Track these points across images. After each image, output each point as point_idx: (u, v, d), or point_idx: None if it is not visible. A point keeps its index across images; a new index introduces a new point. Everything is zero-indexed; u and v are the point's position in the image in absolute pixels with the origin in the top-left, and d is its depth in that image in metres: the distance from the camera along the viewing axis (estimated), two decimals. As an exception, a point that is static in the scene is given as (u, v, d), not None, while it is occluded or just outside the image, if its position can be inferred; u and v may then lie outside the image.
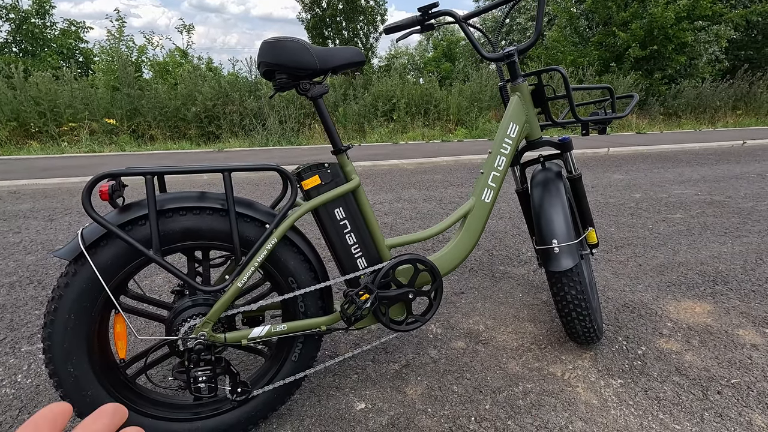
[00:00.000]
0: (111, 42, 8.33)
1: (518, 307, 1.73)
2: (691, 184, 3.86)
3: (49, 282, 1.99)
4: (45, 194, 3.75)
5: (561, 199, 1.28)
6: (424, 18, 1.24)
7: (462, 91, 8.19)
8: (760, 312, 1.67)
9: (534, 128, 1.32)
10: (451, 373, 1.33)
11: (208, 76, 7.74)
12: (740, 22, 9.63)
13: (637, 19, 8.86)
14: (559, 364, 1.37)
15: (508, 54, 1.26)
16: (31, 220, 2.97)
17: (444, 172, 4.54)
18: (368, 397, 1.24)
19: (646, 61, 9.26)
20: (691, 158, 5.24)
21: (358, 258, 1.10)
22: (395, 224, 2.81)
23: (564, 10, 10.16)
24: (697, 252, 2.27)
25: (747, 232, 2.57)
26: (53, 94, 6.70)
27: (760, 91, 9.79)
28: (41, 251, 2.37)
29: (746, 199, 3.29)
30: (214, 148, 6.61)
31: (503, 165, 1.25)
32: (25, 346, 1.49)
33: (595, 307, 1.42)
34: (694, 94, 9.34)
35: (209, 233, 0.94)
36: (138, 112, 7.20)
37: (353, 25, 13.21)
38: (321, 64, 0.98)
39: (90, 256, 0.86)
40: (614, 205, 3.20)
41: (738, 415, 1.15)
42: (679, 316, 1.65)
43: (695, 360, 1.38)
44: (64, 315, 0.87)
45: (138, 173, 0.86)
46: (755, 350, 1.43)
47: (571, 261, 1.21)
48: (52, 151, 6.18)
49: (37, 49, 10.61)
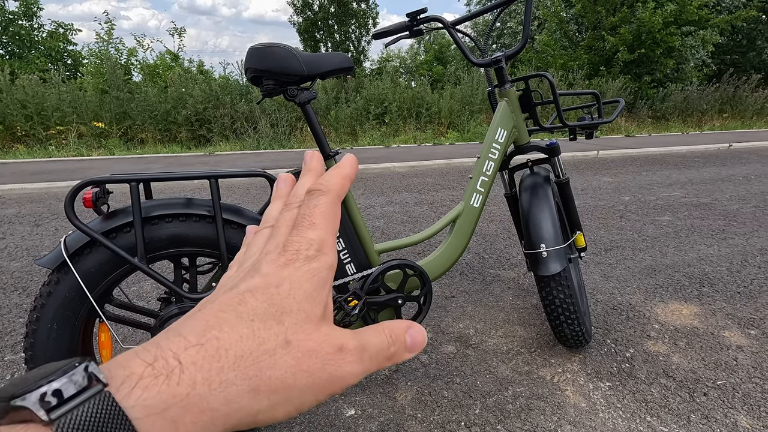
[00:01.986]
0: (100, 44, 8.25)
1: (508, 311, 1.73)
2: (679, 186, 3.92)
3: (34, 289, 1.96)
4: (31, 199, 3.69)
5: (549, 204, 1.29)
6: (412, 24, 1.25)
7: (453, 94, 8.22)
8: (745, 313, 1.69)
9: (522, 133, 1.33)
10: (441, 378, 1.33)
11: (199, 79, 7.69)
12: (725, 27, 9.81)
13: (626, 24, 8.98)
14: (549, 367, 1.38)
15: (496, 60, 1.27)
16: (16, 225, 2.92)
17: (435, 176, 4.55)
18: (358, 404, 1.23)
19: (635, 65, 9.39)
20: (678, 161, 5.32)
21: (346, 264, 1.09)
22: (386, 228, 2.81)
23: (554, 15, 10.28)
24: (684, 254, 2.30)
25: (733, 234, 2.61)
26: (40, 97, 6.60)
27: (745, 95, 9.96)
28: (26, 257, 2.33)
29: (732, 202, 3.34)
30: (204, 151, 6.56)
31: (492, 170, 1.25)
32: (9, 355, 1.46)
33: (584, 310, 1.43)
34: (682, 98, 9.49)
35: (196, 240, 0.94)
36: (127, 116, 7.13)
37: (345, 29, 13.22)
38: (308, 70, 0.98)
39: (73, 264, 0.85)
40: (603, 207, 3.23)
41: (723, 416, 1.16)
42: (666, 318, 1.67)
43: (682, 362, 1.40)
44: (47, 324, 0.85)
45: (123, 180, 0.85)
46: (740, 351, 1.45)
47: (559, 265, 1.22)
48: (39, 154, 6.09)
49: (24, 51, 10.45)
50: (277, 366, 0.18)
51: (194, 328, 0.18)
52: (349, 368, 0.20)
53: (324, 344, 0.19)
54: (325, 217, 0.22)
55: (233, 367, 0.17)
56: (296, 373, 0.18)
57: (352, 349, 0.20)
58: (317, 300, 0.20)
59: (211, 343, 0.17)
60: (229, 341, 0.18)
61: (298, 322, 0.19)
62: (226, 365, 0.17)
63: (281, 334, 0.18)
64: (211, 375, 0.17)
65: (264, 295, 0.19)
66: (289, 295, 0.19)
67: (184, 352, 0.17)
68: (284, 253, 0.21)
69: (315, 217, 0.22)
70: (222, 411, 0.17)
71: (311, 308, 0.20)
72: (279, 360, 0.18)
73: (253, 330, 0.18)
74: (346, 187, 0.24)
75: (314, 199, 0.23)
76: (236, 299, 0.19)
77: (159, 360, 0.17)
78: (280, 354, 0.18)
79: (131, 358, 0.17)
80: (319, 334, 0.19)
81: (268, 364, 0.18)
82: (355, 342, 0.20)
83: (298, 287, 0.20)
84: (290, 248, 0.21)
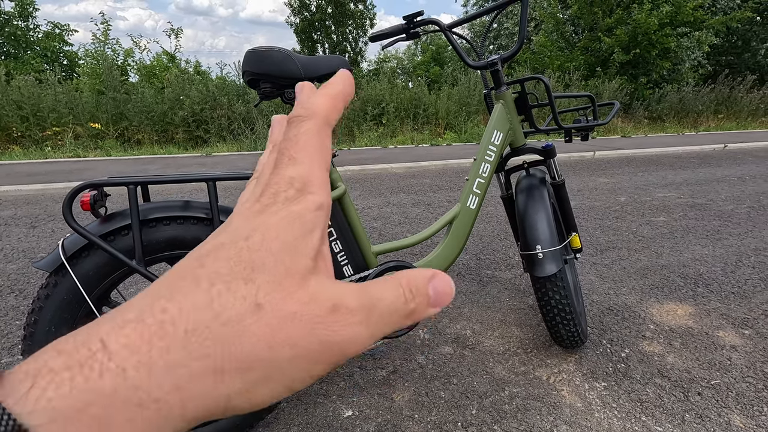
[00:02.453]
0: (96, 45, 8.22)
1: (505, 312, 1.74)
2: (674, 187, 3.94)
3: (31, 291, 1.95)
4: (27, 200, 3.68)
5: (545, 205, 1.30)
6: (409, 26, 1.25)
7: (451, 95, 8.25)
8: (739, 313, 1.71)
9: (518, 135, 1.34)
10: (438, 379, 1.34)
11: (196, 80, 7.68)
12: (721, 28, 9.87)
13: (622, 25, 9.03)
14: (545, 368, 1.39)
15: (492, 62, 1.27)
16: (12, 227, 2.91)
17: (433, 177, 4.56)
18: (355, 404, 1.24)
19: (631, 66, 9.44)
20: (674, 161, 5.35)
21: (344, 265, 1.10)
22: (384, 229, 2.81)
23: (550, 16, 10.32)
24: (679, 254, 2.32)
25: (727, 234, 2.63)
26: (36, 97, 6.57)
27: (741, 96, 10.03)
28: (23, 260, 2.33)
29: (727, 202, 3.37)
30: (202, 152, 6.55)
31: (488, 172, 1.26)
32: (5, 358, 1.46)
33: (580, 311, 1.44)
34: (677, 99, 9.54)
35: (194, 243, 0.94)
36: (124, 116, 7.11)
37: (342, 29, 13.24)
38: (305, 73, 0.98)
39: (71, 267, 0.85)
40: (600, 208, 3.25)
41: (717, 416, 1.17)
42: (661, 318, 1.68)
43: (677, 362, 1.41)
44: (45, 327, 0.86)
45: (121, 183, 0.85)
46: (734, 351, 1.46)
47: (554, 266, 1.23)
48: (35, 156, 6.06)
49: (19, 51, 10.41)
50: (245, 337, 0.14)
51: (139, 301, 0.15)
52: (349, 332, 0.16)
53: (311, 305, 0.16)
54: (308, 147, 0.18)
55: (183, 344, 0.14)
56: (272, 344, 0.15)
57: (353, 307, 0.16)
58: (301, 250, 0.16)
59: (155, 318, 0.14)
60: (178, 313, 0.14)
61: (274, 280, 0.15)
62: (173, 344, 0.14)
63: (250, 297, 0.15)
64: (152, 358, 0.13)
65: (230, 252, 0.16)
66: (261, 247, 0.16)
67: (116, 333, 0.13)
68: (260, 198, 0.17)
69: (295, 149, 0.18)
70: (173, 402, 0.13)
71: (293, 260, 0.16)
72: (248, 329, 0.14)
73: (212, 296, 0.15)
74: (336, 109, 0.20)
75: (293, 128, 0.19)
76: (197, 262, 0.16)
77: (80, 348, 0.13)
78: (249, 321, 0.14)
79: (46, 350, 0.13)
80: (303, 291, 0.16)
81: (233, 336, 0.14)
82: (356, 299, 0.16)
83: (274, 236, 0.16)
84: (267, 192, 0.17)
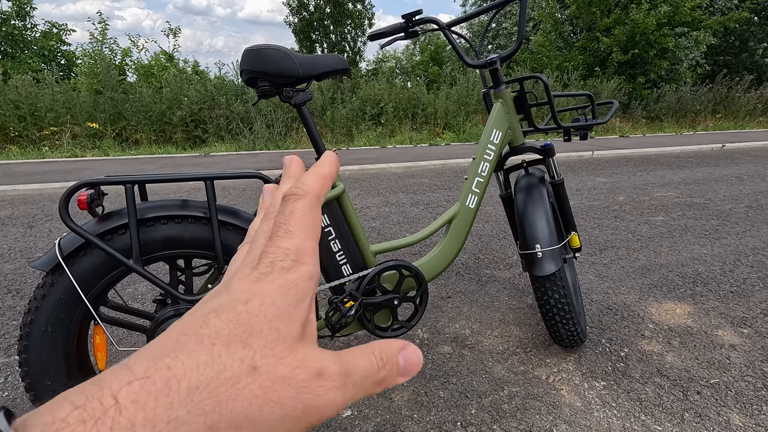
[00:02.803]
0: (94, 45, 8.20)
1: (504, 311, 1.74)
2: (673, 186, 3.95)
3: (28, 291, 1.94)
4: (24, 200, 3.66)
5: (544, 205, 1.30)
6: (407, 25, 1.25)
7: (449, 95, 8.25)
8: (738, 312, 1.71)
9: (517, 134, 1.34)
10: (437, 378, 1.34)
11: (194, 80, 7.67)
12: (718, 28, 9.89)
13: (620, 25, 9.05)
14: (544, 367, 1.38)
15: (491, 61, 1.27)
16: (9, 227, 2.90)
17: (431, 176, 4.56)
18: (354, 404, 1.23)
19: (629, 65, 9.45)
20: (672, 161, 5.36)
21: (343, 265, 1.10)
22: (383, 229, 2.81)
23: (549, 16, 10.33)
24: (678, 254, 2.32)
25: (726, 233, 2.63)
26: (34, 97, 6.55)
27: (738, 96, 10.05)
28: (20, 259, 2.32)
29: (725, 202, 3.37)
30: (200, 152, 6.54)
31: (487, 171, 1.26)
32: (2, 358, 1.45)
33: (579, 310, 1.44)
34: (675, 98, 9.57)
35: (191, 242, 0.93)
36: (122, 116, 7.09)
37: (341, 29, 13.22)
38: (304, 72, 0.98)
39: (68, 266, 0.84)
40: (598, 208, 3.25)
41: (717, 414, 1.17)
42: (660, 317, 1.68)
43: (676, 361, 1.41)
44: (41, 327, 0.85)
45: (118, 182, 0.85)
46: (733, 350, 1.46)
47: (554, 265, 1.23)
48: (33, 155, 6.04)
49: (16, 51, 10.36)
50: (240, 397, 0.15)
51: (146, 357, 0.15)
52: (329, 397, 0.17)
53: (299, 369, 0.17)
54: (302, 222, 0.20)
55: (185, 402, 0.14)
56: (263, 405, 0.16)
57: (333, 374, 0.18)
58: (293, 317, 0.18)
59: (160, 375, 0.15)
60: (182, 371, 0.15)
61: (268, 344, 0.17)
62: (177, 400, 0.14)
63: (247, 359, 0.16)
64: (157, 414, 0.14)
65: (230, 315, 0.17)
66: (259, 312, 0.17)
67: (125, 387, 0.14)
68: (258, 266, 0.19)
69: (291, 224, 0.20)
70: None
71: (286, 327, 0.17)
72: (243, 390, 0.15)
73: (213, 356, 0.16)
74: (325, 188, 0.22)
75: (290, 205, 0.21)
76: (199, 321, 0.17)
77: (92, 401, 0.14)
78: (245, 383, 0.16)
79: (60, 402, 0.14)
80: (293, 357, 0.17)
81: (230, 395, 0.15)
82: (337, 365, 0.18)
83: (270, 303, 0.17)
84: (264, 260, 0.19)
